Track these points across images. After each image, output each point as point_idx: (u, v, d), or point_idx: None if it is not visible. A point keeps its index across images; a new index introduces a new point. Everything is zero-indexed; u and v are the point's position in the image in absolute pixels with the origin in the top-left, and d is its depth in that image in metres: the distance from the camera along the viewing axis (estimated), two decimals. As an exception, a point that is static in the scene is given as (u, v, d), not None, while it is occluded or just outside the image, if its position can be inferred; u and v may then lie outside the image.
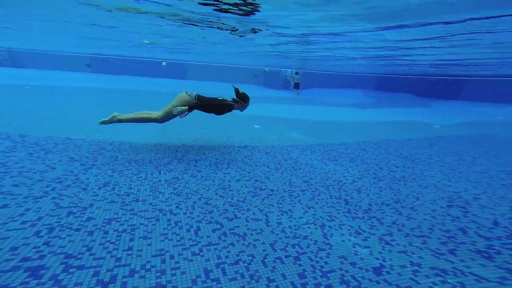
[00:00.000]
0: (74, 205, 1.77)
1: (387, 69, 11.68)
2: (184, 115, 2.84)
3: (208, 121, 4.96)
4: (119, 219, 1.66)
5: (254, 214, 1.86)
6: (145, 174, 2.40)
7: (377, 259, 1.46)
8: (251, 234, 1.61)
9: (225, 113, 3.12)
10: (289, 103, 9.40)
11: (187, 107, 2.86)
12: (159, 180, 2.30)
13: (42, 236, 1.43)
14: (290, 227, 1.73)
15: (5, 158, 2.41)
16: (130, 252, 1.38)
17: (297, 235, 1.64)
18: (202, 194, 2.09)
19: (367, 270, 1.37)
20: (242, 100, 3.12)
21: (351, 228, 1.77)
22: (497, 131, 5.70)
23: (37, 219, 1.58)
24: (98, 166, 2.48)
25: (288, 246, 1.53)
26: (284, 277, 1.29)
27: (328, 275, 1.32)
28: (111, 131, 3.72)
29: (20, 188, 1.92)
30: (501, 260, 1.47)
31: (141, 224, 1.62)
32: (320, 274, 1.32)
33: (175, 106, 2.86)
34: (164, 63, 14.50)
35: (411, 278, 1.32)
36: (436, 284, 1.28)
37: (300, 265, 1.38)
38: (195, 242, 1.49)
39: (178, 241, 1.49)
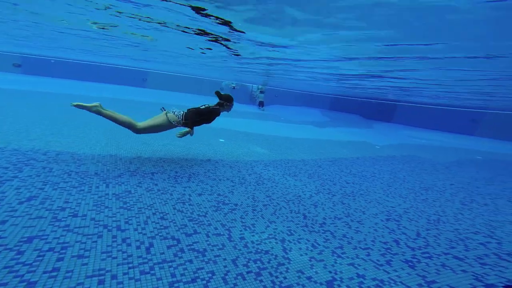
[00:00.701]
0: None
1: (339, 91, 13.29)
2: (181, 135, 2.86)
3: (168, 132, 4.69)
4: (45, 237, 1.36)
5: (216, 229, 1.77)
6: (89, 187, 2.08)
7: (330, 272, 1.52)
8: (212, 250, 1.52)
9: (214, 119, 3.09)
10: (254, 118, 9.69)
11: (187, 129, 2.89)
12: (106, 194, 2.01)
13: None
14: (252, 242, 1.69)
15: None
16: (54, 273, 1.13)
17: (259, 250, 1.61)
18: (157, 209, 1.91)
19: (321, 284, 1.40)
20: (226, 101, 3.13)
21: (308, 242, 1.83)
22: (419, 153, 6.91)
23: None
24: (22, 178, 2.05)
25: (250, 261, 1.49)
26: (244, 293, 1.23)
27: (287, 289, 1.31)
28: (43, 140, 3.17)
29: None
30: (420, 268, 1.68)
31: (76, 241, 1.37)
32: (279, 289, 1.31)
33: (159, 126, 2.84)
34: (53, 61, 13.35)
35: None
36: None
37: (261, 281, 1.35)
38: (146, 260, 1.32)
39: (124, 259, 1.30)
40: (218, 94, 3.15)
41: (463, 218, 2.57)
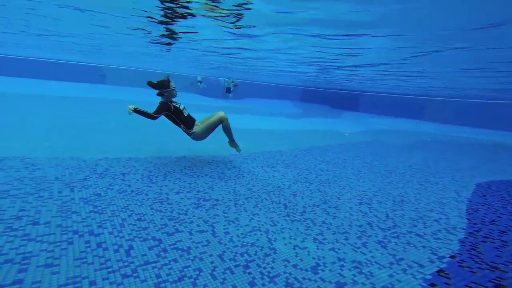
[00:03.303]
0: None
1: (309, 83, 13.83)
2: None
3: (137, 131, 4.38)
4: None
5: (198, 226, 1.73)
6: (49, 193, 1.85)
7: (313, 258, 1.60)
8: (197, 247, 1.49)
9: (167, 112, 2.80)
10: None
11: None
12: (72, 199, 1.82)
13: None
14: (237, 235, 1.70)
15: None
16: (15, 286, 1.00)
17: (245, 243, 1.63)
18: (133, 210, 1.79)
19: (306, 270, 1.47)
20: (162, 87, 2.75)
21: (291, 231, 1.89)
22: (381, 137, 7.60)
23: None
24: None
25: (237, 255, 1.50)
26: (235, 287, 1.24)
27: (275, 279, 1.35)
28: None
29: None
30: (390, 248, 1.84)
31: (42, 250, 1.22)
32: (268, 280, 1.34)
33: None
34: None
35: (339, 273, 1.49)
36: (355, 276, 1.48)
37: (249, 273, 1.37)
38: (127, 263, 1.24)
39: (102, 264, 1.20)
40: (150, 84, 2.75)
41: (421, 198, 2.91)
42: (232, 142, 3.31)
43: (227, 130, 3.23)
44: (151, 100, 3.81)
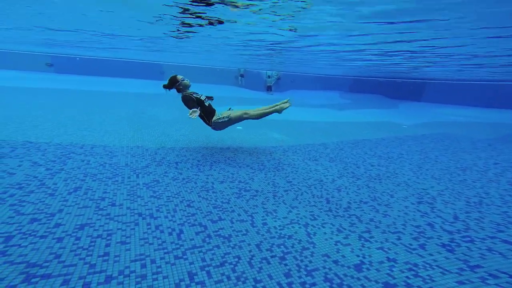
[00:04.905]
0: (39, 211, 1.61)
1: (360, 72, 12.40)
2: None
3: (188, 123, 4.83)
4: (93, 225, 1.53)
5: (239, 215, 1.84)
6: (122, 178, 2.26)
7: (358, 256, 1.52)
8: (237, 236, 1.59)
9: (192, 105, 2.90)
10: (270, 103, 9.51)
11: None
12: (137, 184, 2.17)
13: None
14: (275, 227, 1.74)
15: (-49, 162, 2.11)
16: (106, 258, 1.28)
17: (282, 235, 1.65)
18: (184, 197, 2.02)
19: (348, 267, 1.41)
20: (174, 84, 2.97)
21: (333, 226, 1.83)
22: (453, 131, 6.33)
23: None
24: (67, 171, 2.28)
25: (274, 246, 1.54)
26: (270, 277, 1.29)
27: (313, 273, 1.34)
28: (80, 135, 3.45)
29: (-30, 195, 1.69)
30: (460, 253, 1.61)
31: (118, 229, 1.52)
32: (305, 273, 1.34)
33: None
34: (78, 59, 13.50)
35: (388, 274, 1.38)
36: (409, 278, 1.36)
37: (285, 265, 1.39)
38: (178, 246, 1.43)
39: (159, 245, 1.42)
40: (166, 86, 3.00)
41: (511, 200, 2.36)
42: (277, 110, 3.22)
43: (262, 116, 3.20)
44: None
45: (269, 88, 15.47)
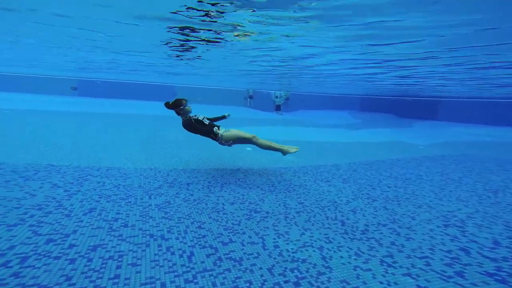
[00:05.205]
0: (55, 232, 1.64)
1: (370, 91, 12.48)
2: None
3: (197, 144, 4.96)
4: (105, 246, 1.54)
5: (250, 237, 1.78)
6: (134, 199, 2.30)
7: (381, 282, 1.40)
8: (248, 259, 1.53)
9: (194, 128, 3.01)
10: (278, 124, 9.66)
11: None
12: (150, 205, 2.19)
13: (11, 267, 1.28)
14: (287, 250, 1.66)
15: (-20, 185, 2.26)
16: (116, 280, 1.26)
17: (295, 259, 1.57)
18: (195, 218, 2.00)
19: None
20: (177, 107, 3.01)
21: (350, 250, 1.72)
22: (475, 151, 6.02)
23: (8, 248, 1.43)
24: (83, 192, 2.36)
25: (287, 270, 1.45)
26: (284, 304, 1.20)
27: (331, 301, 1.24)
28: (97, 157, 3.62)
29: (-6, 215, 1.77)
30: None
31: (129, 250, 1.51)
32: (322, 300, 1.25)
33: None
34: (99, 82, 14.34)
35: None
36: None
37: (300, 291, 1.30)
38: (189, 269, 1.39)
39: (170, 267, 1.38)
40: (167, 105, 3.04)
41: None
42: (283, 151, 3.16)
43: (267, 148, 3.12)
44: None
45: (277, 108, 15.80)
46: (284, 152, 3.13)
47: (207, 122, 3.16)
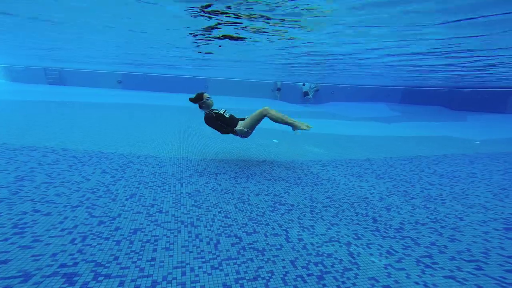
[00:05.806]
0: (105, 214, 1.89)
1: (414, 82, 11.16)
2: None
3: (227, 135, 5.09)
4: (143, 230, 1.71)
5: (273, 229, 1.80)
6: (168, 186, 2.50)
7: (417, 283, 1.30)
8: (270, 250, 1.55)
9: (214, 123, 3.13)
10: (307, 116, 9.32)
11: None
12: (181, 193, 2.36)
13: (76, 244, 1.52)
14: (312, 243, 1.63)
15: (50, 170, 2.70)
16: (153, 263, 1.40)
17: (320, 253, 1.54)
18: (222, 207, 2.10)
19: None
20: (199, 101, 3.16)
21: (381, 247, 1.62)
22: None
23: (73, 227, 1.70)
24: (126, 178, 2.65)
25: (311, 263, 1.44)
26: (306, 298, 1.20)
27: (357, 299, 1.20)
28: (137, 146, 3.99)
29: (61, 197, 2.10)
30: None
31: (163, 235, 1.66)
32: (347, 297, 1.21)
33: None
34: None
35: None
36: None
37: (324, 285, 1.28)
38: (215, 256, 1.47)
39: (198, 253, 1.49)
40: (191, 100, 3.19)
41: None
42: (293, 125, 3.06)
43: (278, 120, 3.06)
44: (246, 108, 4.34)
45: (305, 94, 15.18)
46: (295, 127, 3.05)
47: (227, 115, 3.22)
